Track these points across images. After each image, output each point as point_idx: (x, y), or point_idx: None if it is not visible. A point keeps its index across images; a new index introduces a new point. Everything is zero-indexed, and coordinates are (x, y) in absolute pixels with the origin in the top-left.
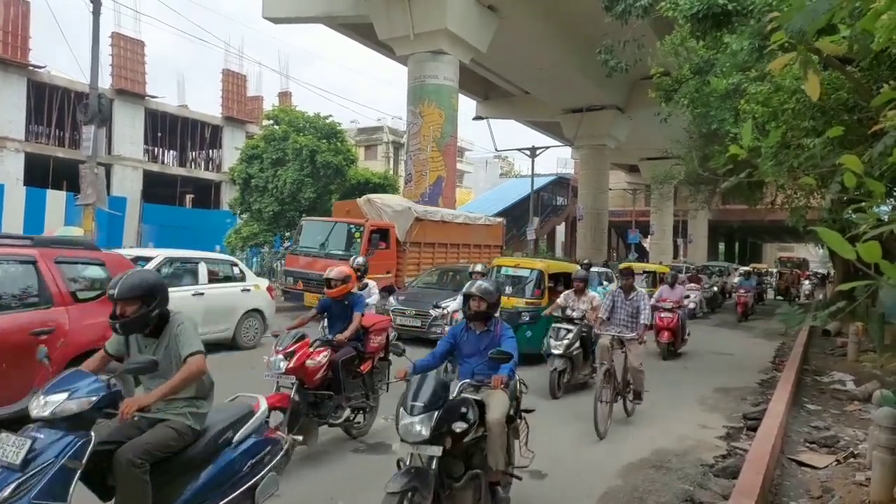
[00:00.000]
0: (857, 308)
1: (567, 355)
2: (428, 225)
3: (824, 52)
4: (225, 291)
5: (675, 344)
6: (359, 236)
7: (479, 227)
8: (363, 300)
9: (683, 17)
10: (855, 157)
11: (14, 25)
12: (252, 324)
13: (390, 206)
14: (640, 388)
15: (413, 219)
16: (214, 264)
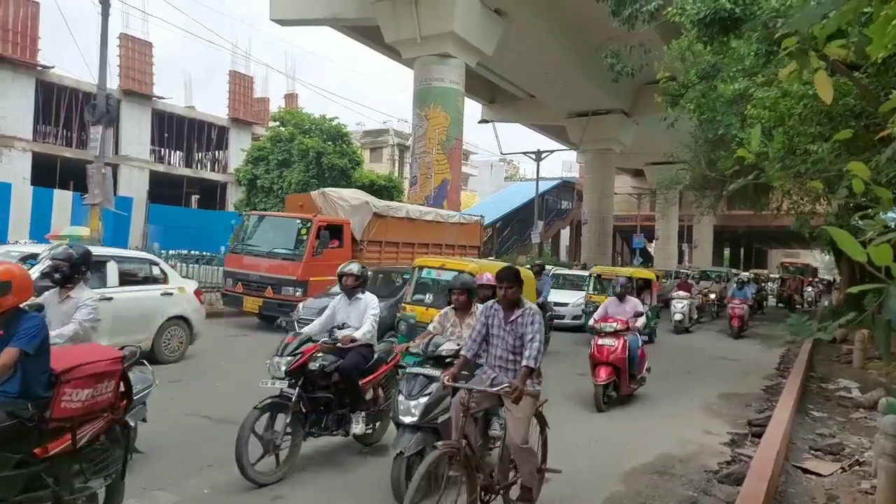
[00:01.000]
0: (864, 317)
1: (428, 425)
2: (391, 222)
3: (832, 57)
4: (140, 295)
5: (619, 385)
6: (305, 233)
7: (453, 225)
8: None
9: (690, 22)
10: (862, 164)
11: (23, 26)
12: (175, 333)
13: (346, 200)
14: (532, 480)
15: (371, 214)
16: (128, 263)
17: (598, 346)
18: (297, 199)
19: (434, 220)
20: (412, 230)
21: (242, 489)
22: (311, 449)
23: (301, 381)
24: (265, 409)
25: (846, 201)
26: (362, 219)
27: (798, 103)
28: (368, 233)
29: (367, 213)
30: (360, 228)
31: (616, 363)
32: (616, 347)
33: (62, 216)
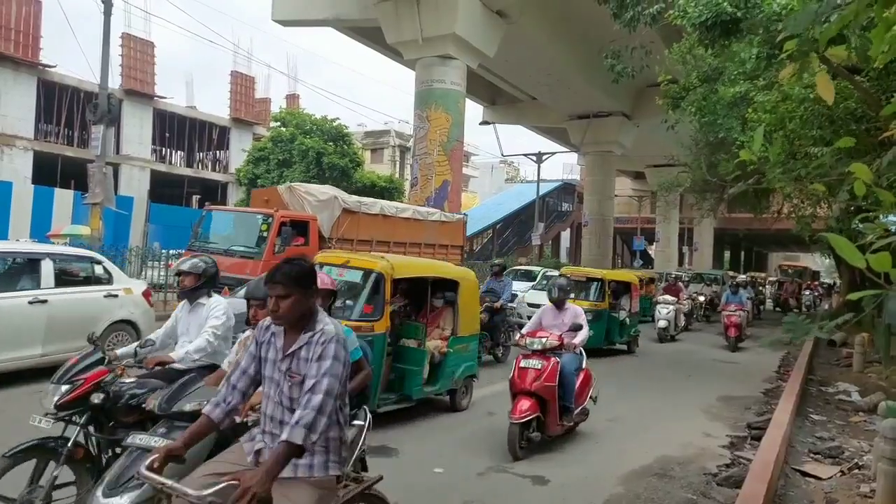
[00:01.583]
0: (864, 319)
1: None
2: (363, 219)
3: (833, 61)
4: (80, 297)
5: (546, 425)
6: (266, 229)
7: (434, 223)
8: None
9: (692, 25)
10: (864, 166)
11: (25, 25)
12: (121, 339)
13: (313, 194)
14: None
15: (340, 210)
16: (66, 262)
17: (519, 370)
18: (263, 194)
19: (412, 218)
20: (387, 228)
21: None
22: None
23: (86, 416)
24: (18, 457)
25: (847, 204)
26: (331, 215)
27: (799, 106)
28: (338, 230)
29: (335, 208)
30: (329, 225)
31: (541, 393)
32: (543, 371)
33: (63, 215)
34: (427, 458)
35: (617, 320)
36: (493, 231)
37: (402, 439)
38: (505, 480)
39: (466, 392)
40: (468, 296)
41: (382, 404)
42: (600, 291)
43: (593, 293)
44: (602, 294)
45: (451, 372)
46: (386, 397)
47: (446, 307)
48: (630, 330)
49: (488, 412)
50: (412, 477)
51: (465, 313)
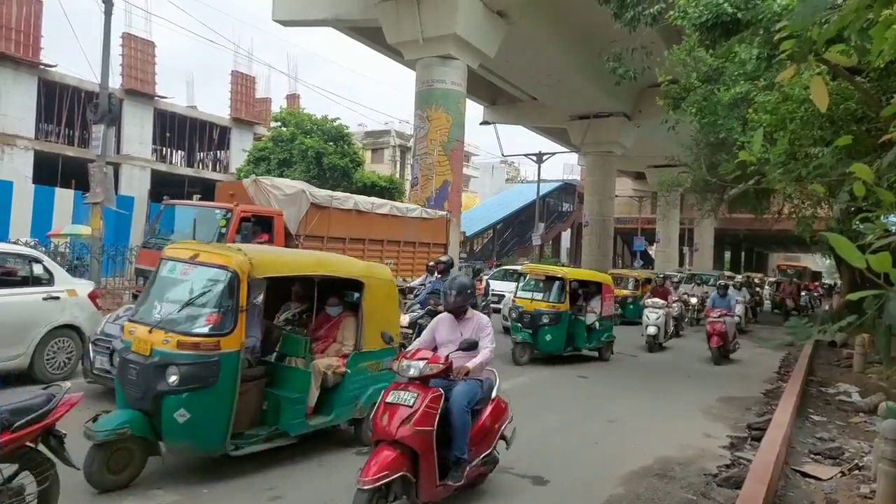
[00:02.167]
0: (865, 320)
1: None
2: (334, 214)
3: (833, 62)
4: (15, 300)
5: (419, 488)
6: (225, 225)
7: (414, 220)
8: None
9: (692, 26)
10: (865, 166)
11: (26, 24)
12: (63, 346)
13: (280, 188)
14: None
15: (308, 205)
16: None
17: (384, 407)
18: (229, 188)
19: (389, 214)
20: (363, 224)
21: (241, 489)
22: (309, 449)
23: None
24: None
25: (847, 205)
26: (298, 210)
27: (799, 107)
28: (306, 226)
29: (303, 203)
30: (296, 221)
31: (409, 442)
32: (414, 411)
33: (64, 215)
34: None
35: (583, 324)
36: (493, 231)
37: None
38: (505, 480)
39: None
40: (379, 300)
41: (244, 444)
42: (560, 291)
43: (553, 293)
44: (562, 294)
45: (353, 397)
46: (253, 434)
47: (347, 315)
48: (602, 335)
49: None
50: None
51: (374, 322)
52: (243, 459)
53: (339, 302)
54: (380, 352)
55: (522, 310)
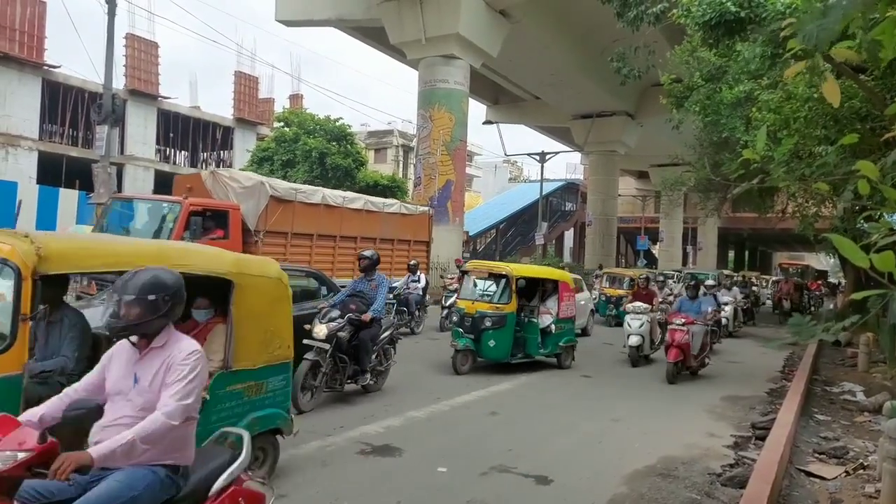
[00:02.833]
0: (869, 319)
1: None
2: (299, 209)
3: (838, 59)
4: None
5: None
6: (173, 220)
7: (392, 216)
8: None
9: (695, 25)
10: (870, 164)
11: (30, 25)
12: None
13: (238, 181)
14: None
15: (268, 198)
16: None
17: None
18: (186, 181)
19: (363, 209)
20: (333, 220)
21: None
22: (313, 450)
23: None
24: None
25: (852, 203)
26: (257, 203)
27: (803, 106)
28: (266, 221)
29: (262, 196)
30: (255, 215)
31: None
32: None
33: (68, 215)
34: (430, 458)
35: (536, 327)
36: (496, 231)
37: (405, 439)
38: (508, 480)
39: (266, 458)
40: (258, 303)
41: None
42: (506, 291)
43: (498, 293)
44: (508, 294)
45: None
46: None
47: (217, 321)
48: (560, 339)
49: (491, 412)
50: (415, 476)
51: (252, 332)
52: None
53: (209, 304)
54: (262, 370)
55: (463, 312)
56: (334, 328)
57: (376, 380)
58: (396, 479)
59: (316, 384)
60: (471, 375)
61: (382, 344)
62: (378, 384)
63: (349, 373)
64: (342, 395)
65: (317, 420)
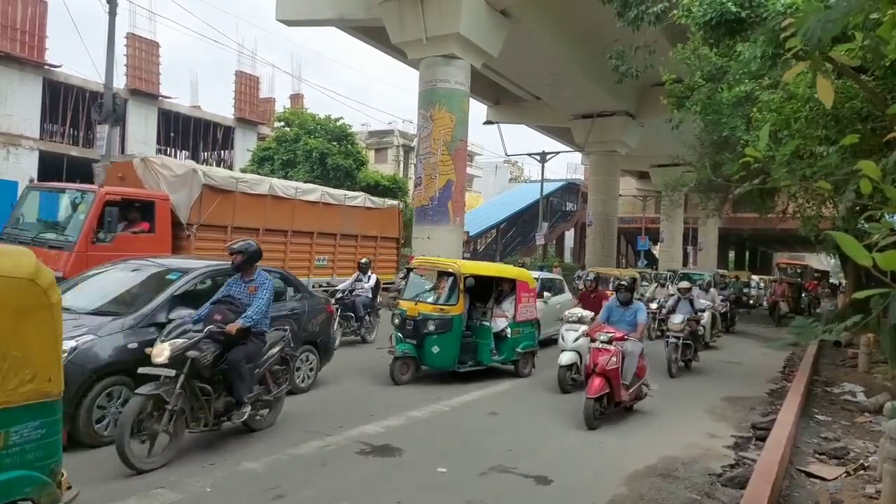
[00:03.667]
0: (870, 319)
1: None
2: (241, 200)
3: (838, 60)
4: None
5: None
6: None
7: (356, 210)
8: None
9: (696, 25)
10: (872, 163)
11: (31, 25)
12: None
13: (170, 168)
14: None
15: (201, 187)
16: None
17: None
18: (118, 169)
19: (320, 202)
20: (283, 213)
21: (244, 488)
22: (313, 450)
23: None
24: None
25: (853, 203)
26: (189, 194)
27: (804, 106)
28: (200, 213)
29: (194, 185)
30: (187, 207)
31: None
32: None
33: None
34: (430, 458)
35: (489, 332)
36: (496, 231)
37: (405, 439)
38: (508, 480)
39: None
40: None
41: None
42: (452, 291)
43: (443, 294)
44: (454, 294)
45: None
46: None
47: None
48: (517, 345)
49: (491, 412)
50: (415, 476)
51: None
52: (246, 459)
53: None
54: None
55: (405, 315)
56: (181, 347)
57: (266, 412)
58: (396, 479)
59: (163, 427)
60: (470, 377)
61: (269, 365)
62: (270, 418)
63: (219, 407)
64: (341, 395)
65: (317, 420)
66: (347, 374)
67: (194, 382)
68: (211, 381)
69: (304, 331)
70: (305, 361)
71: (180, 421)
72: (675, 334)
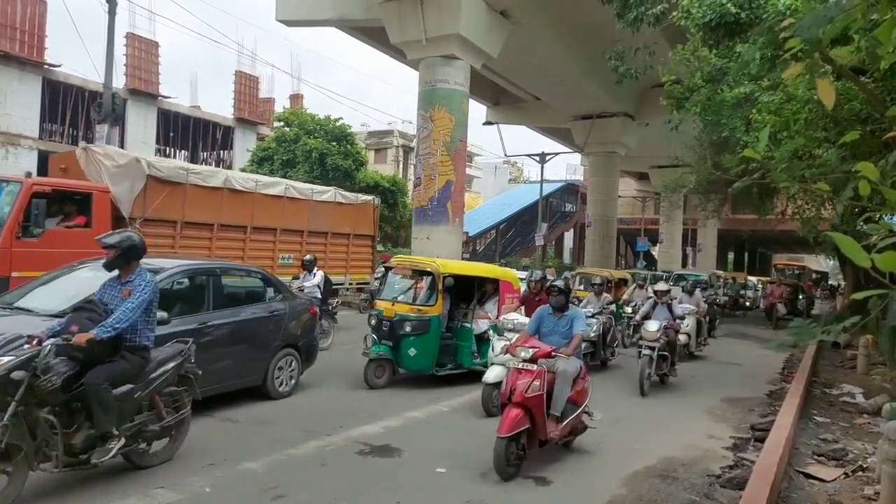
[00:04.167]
0: (868, 320)
1: None
2: (193, 193)
3: (838, 62)
4: None
5: None
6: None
7: (324, 205)
8: None
9: (695, 26)
10: (870, 165)
11: (30, 24)
12: None
13: (112, 158)
14: None
15: (144, 178)
16: None
17: None
18: (61, 160)
19: (285, 196)
20: (241, 208)
21: (244, 488)
22: (312, 450)
23: None
24: None
25: (852, 204)
26: (132, 185)
27: (803, 108)
28: (145, 206)
29: (137, 176)
30: (129, 199)
31: None
32: None
33: None
34: (430, 458)
35: (470, 333)
36: (496, 232)
37: (405, 439)
38: None
39: None
40: None
41: None
42: (430, 291)
43: (422, 294)
44: (432, 294)
45: None
46: None
47: None
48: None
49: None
50: (415, 476)
51: None
52: (246, 459)
53: None
54: None
55: (381, 315)
56: (6, 366)
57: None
58: (396, 480)
59: None
60: (470, 378)
61: (158, 386)
62: (167, 451)
63: (77, 442)
64: (330, 398)
65: (316, 420)
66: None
67: (37, 412)
68: (69, 409)
69: (285, 333)
70: (286, 366)
71: (20, 460)
72: (650, 344)
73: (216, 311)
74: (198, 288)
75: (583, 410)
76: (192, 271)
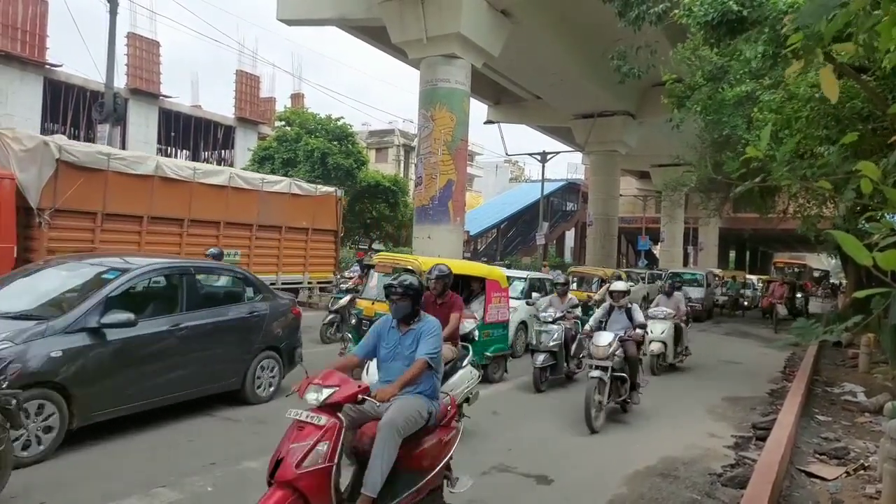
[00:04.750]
0: (870, 319)
1: None
2: (115, 181)
3: (839, 59)
4: None
5: None
6: None
7: (278, 196)
8: None
9: (697, 24)
10: (872, 164)
11: (32, 24)
12: None
13: (21, 142)
14: None
15: (54, 164)
16: None
17: None
18: None
19: (229, 186)
20: (176, 198)
21: (246, 487)
22: None
23: None
24: None
25: (853, 203)
26: (41, 172)
27: (804, 106)
28: (56, 196)
29: (45, 161)
30: (37, 188)
31: None
32: None
33: None
34: None
35: None
36: (497, 231)
37: None
38: (508, 480)
39: None
40: None
41: None
42: None
43: None
44: None
45: None
46: None
47: None
48: (487, 348)
49: (492, 411)
50: None
51: None
52: (247, 458)
53: None
54: None
55: (361, 315)
56: None
57: None
58: None
59: None
60: None
61: None
62: None
63: None
64: None
65: None
66: None
67: None
68: None
69: (265, 335)
70: (267, 369)
71: None
72: (599, 363)
73: (190, 312)
74: (171, 287)
75: (441, 471)
76: (170, 270)
